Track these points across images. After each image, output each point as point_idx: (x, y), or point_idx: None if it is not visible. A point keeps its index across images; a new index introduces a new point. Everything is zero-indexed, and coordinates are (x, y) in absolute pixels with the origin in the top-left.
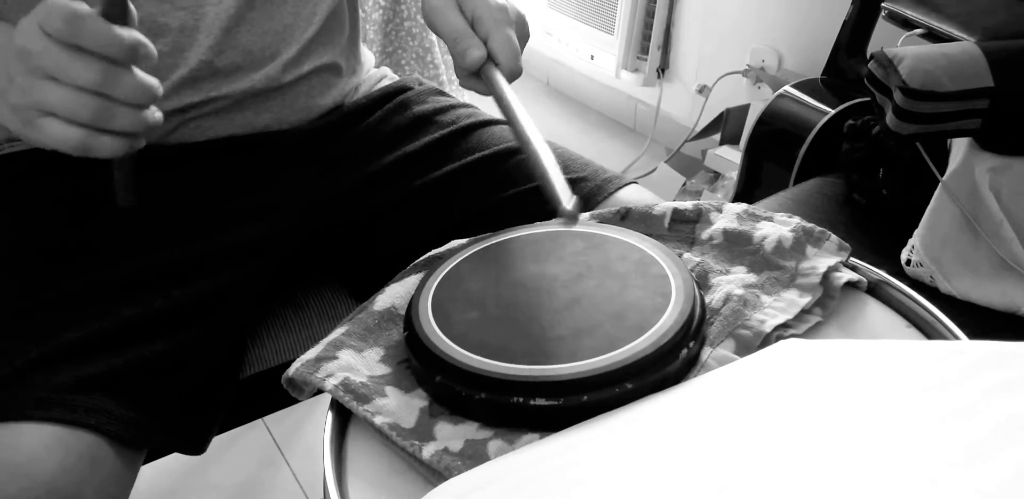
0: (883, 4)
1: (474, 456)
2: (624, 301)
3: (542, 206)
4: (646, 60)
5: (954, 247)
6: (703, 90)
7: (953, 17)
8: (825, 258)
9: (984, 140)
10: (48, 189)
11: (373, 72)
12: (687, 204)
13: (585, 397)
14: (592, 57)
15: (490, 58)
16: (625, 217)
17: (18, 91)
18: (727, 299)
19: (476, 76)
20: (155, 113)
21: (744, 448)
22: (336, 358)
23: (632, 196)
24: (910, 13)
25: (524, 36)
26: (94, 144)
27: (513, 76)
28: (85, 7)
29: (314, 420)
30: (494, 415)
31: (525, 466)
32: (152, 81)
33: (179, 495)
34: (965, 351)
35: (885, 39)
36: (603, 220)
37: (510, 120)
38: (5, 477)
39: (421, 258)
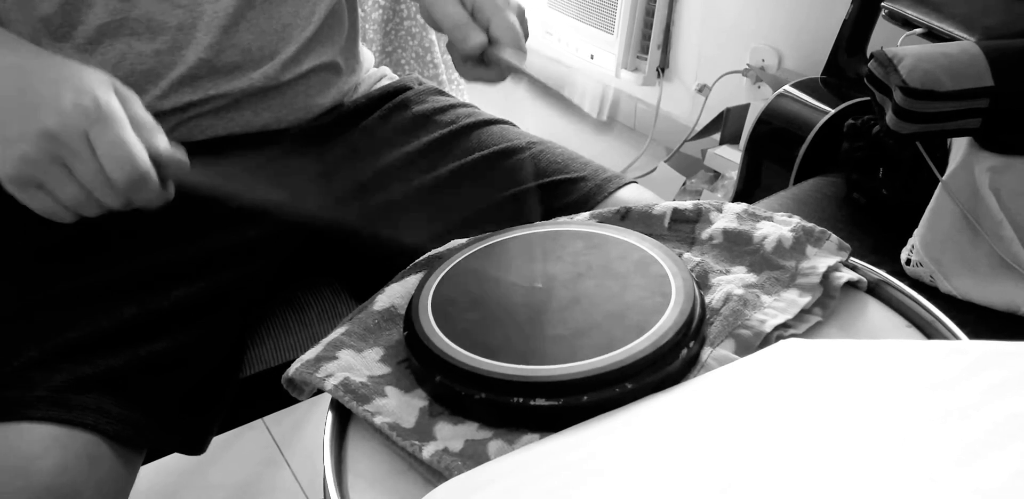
0: (883, 3)
1: (474, 456)
2: (624, 301)
3: (542, 206)
4: (646, 59)
5: (954, 247)
6: (703, 89)
7: (953, 16)
8: (825, 258)
9: (984, 140)
10: None
11: (372, 71)
12: (687, 204)
13: (585, 397)
14: (592, 56)
15: (492, 44)
16: (625, 217)
17: (22, 161)
18: (727, 299)
19: (479, 62)
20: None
21: (745, 447)
22: (336, 358)
23: (632, 195)
24: (910, 12)
25: (525, 28)
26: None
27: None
28: (152, 174)
29: (314, 420)
30: (494, 415)
31: (525, 466)
32: (169, 194)
33: (179, 495)
34: (965, 351)
35: (885, 38)
36: (603, 220)
37: (532, 77)
38: (4, 477)
39: (421, 258)
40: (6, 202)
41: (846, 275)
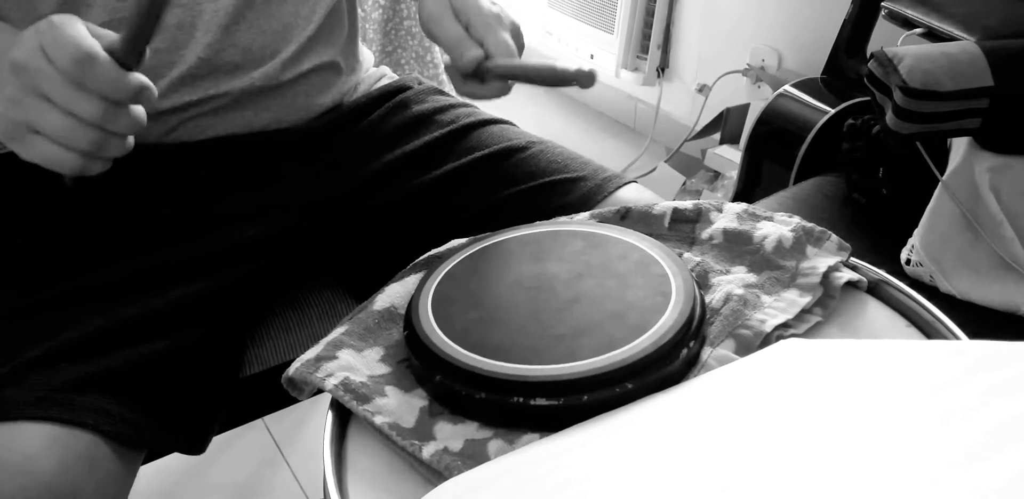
0: (883, 3)
1: (474, 456)
2: (624, 301)
3: (542, 205)
4: (646, 59)
5: (954, 247)
6: (703, 89)
7: (953, 16)
8: (825, 258)
9: (984, 140)
10: (47, 189)
11: (372, 71)
12: (687, 203)
13: (585, 397)
14: (592, 56)
15: (487, 59)
16: (625, 216)
17: (8, 103)
18: (727, 299)
19: (474, 78)
20: (131, 140)
21: (745, 448)
22: (336, 358)
23: (632, 195)
24: (910, 12)
25: (519, 44)
26: (88, 168)
27: None
28: (99, 50)
29: (314, 420)
30: (494, 415)
31: (525, 466)
32: (142, 112)
33: (179, 495)
34: (965, 351)
35: (885, 38)
36: (603, 219)
37: (527, 75)
38: (3, 476)
39: (421, 258)
40: (6, 203)
41: (846, 275)
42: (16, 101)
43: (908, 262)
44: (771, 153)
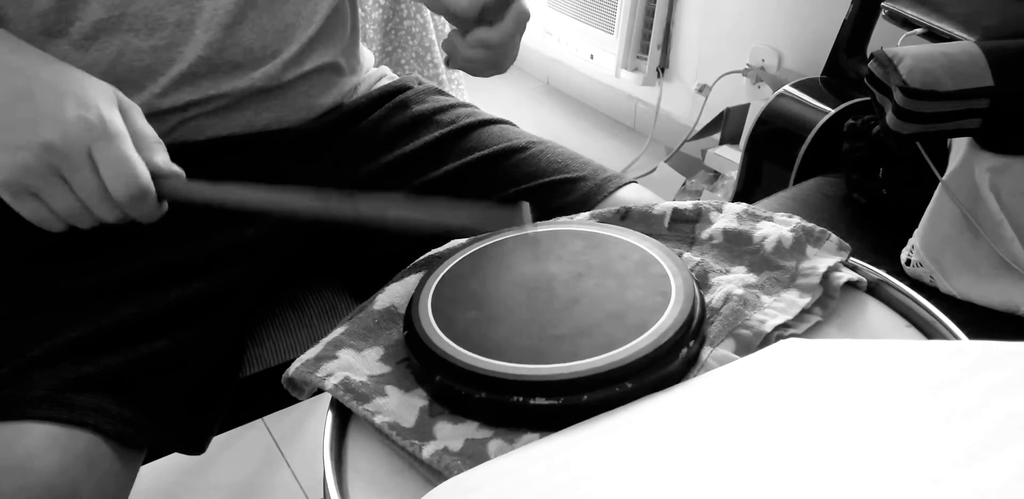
0: (883, 3)
1: (474, 456)
2: (624, 300)
3: (542, 205)
4: (646, 59)
5: (954, 247)
6: (703, 89)
7: (953, 17)
8: (825, 258)
9: (984, 140)
10: None
11: (372, 71)
12: (687, 204)
13: (585, 397)
14: (592, 56)
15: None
16: (625, 216)
17: (19, 168)
18: (727, 299)
19: (479, 24)
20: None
21: (745, 448)
22: (336, 357)
23: (632, 195)
24: (910, 12)
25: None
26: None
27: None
28: (152, 190)
29: (314, 420)
30: (494, 414)
31: (525, 466)
32: (164, 209)
33: (179, 495)
34: (965, 351)
35: (885, 38)
36: (603, 219)
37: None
38: (3, 476)
39: (421, 257)
40: (6, 203)
41: (846, 275)
42: (32, 172)
43: (908, 262)
44: (771, 153)
